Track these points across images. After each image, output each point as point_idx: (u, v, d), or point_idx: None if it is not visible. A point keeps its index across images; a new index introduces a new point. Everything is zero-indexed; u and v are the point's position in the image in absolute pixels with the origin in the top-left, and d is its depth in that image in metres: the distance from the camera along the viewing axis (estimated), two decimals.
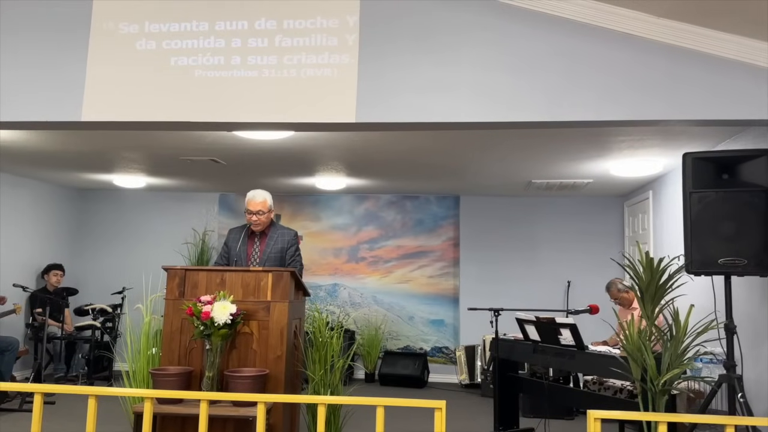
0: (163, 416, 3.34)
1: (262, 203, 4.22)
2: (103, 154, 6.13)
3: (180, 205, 8.48)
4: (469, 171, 6.53)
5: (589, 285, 7.22)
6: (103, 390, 2.45)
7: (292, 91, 3.67)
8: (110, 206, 8.58)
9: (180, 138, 5.31)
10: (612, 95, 3.48)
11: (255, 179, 7.19)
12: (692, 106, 3.43)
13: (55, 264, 7.57)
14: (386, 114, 3.61)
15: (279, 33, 3.70)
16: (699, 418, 2.73)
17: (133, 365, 4.39)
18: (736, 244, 3.45)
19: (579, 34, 3.53)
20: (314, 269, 8.26)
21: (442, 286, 8.16)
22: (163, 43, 3.79)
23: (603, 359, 4.20)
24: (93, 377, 6.97)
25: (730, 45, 3.40)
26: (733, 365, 3.46)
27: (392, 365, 7.70)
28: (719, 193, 3.53)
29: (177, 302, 3.60)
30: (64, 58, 3.86)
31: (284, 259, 4.24)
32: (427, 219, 8.27)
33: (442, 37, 3.61)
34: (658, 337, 3.49)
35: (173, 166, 6.69)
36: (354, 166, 6.44)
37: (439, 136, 5.04)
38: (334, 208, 8.38)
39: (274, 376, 3.47)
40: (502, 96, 3.55)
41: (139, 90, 3.79)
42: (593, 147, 5.24)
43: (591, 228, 7.86)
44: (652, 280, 3.45)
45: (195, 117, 3.76)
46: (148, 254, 8.09)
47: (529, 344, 4.84)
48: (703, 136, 4.72)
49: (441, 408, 2.26)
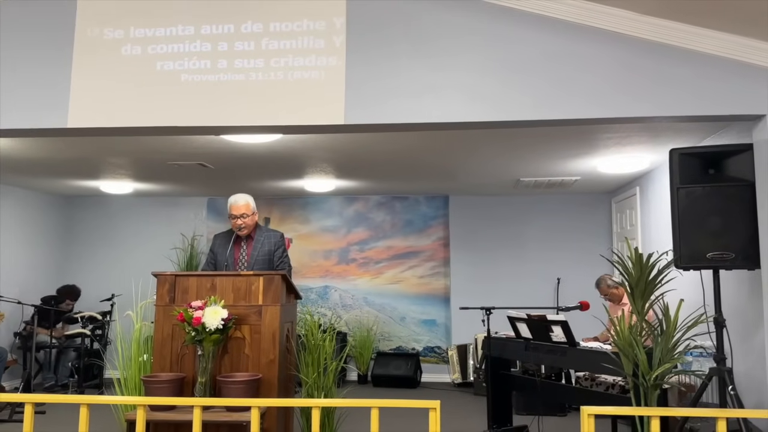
0: (156, 423, 3.32)
1: (245, 206, 4.21)
2: (89, 160, 6.09)
3: (168, 211, 8.44)
4: (458, 171, 6.55)
5: (578, 282, 7.26)
6: (95, 398, 2.43)
7: (280, 94, 3.66)
8: (97, 213, 8.51)
9: (167, 143, 5.28)
10: (598, 93, 3.50)
11: (243, 183, 7.17)
12: (678, 102, 3.46)
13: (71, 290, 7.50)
14: (375, 115, 3.61)
15: (265, 36, 3.69)
16: (691, 411, 2.76)
17: (125, 373, 4.35)
18: (723, 238, 3.49)
19: (565, 33, 3.55)
20: (305, 272, 8.24)
21: (433, 286, 8.17)
22: (148, 48, 3.76)
23: (594, 355, 4.22)
24: (84, 386, 6.91)
25: (715, 41, 3.43)
26: (723, 358, 3.49)
27: (385, 366, 7.70)
28: (706, 188, 3.57)
29: (167, 308, 3.58)
30: (49, 65, 3.82)
31: (272, 262, 4.23)
32: (417, 219, 8.28)
33: (429, 38, 3.61)
34: (648, 332, 3.51)
35: (160, 171, 6.65)
36: (343, 167, 6.44)
37: (427, 137, 5.05)
38: (323, 210, 8.37)
39: (267, 380, 3.47)
40: (490, 96, 3.56)
41: (125, 95, 3.76)
42: (580, 144, 5.27)
43: (579, 225, 7.91)
44: (641, 276, 3.47)
45: (182, 121, 3.74)
46: (136, 260, 8.04)
47: (521, 342, 4.86)
48: (689, 132, 4.76)
49: (435, 408, 2.26)
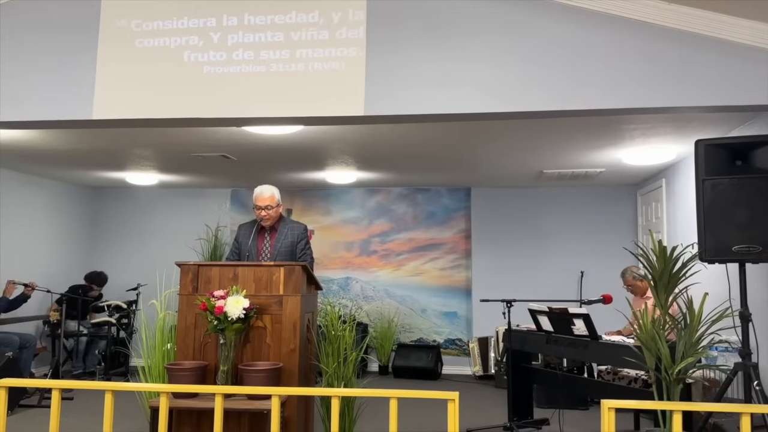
0: (179, 410, 3.38)
1: (270, 198, 4.24)
2: (115, 151, 6.18)
3: (192, 202, 8.54)
4: (480, 162, 6.51)
5: (602, 275, 7.18)
6: (120, 385, 2.47)
7: (301, 86, 3.67)
8: (123, 204, 8.65)
9: (190, 134, 5.33)
10: (622, 83, 3.45)
11: (266, 174, 7.21)
12: (704, 92, 3.40)
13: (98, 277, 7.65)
14: (395, 106, 3.61)
15: (287, 28, 3.70)
16: (714, 406, 2.72)
17: (149, 361, 4.43)
18: (750, 231, 3.41)
19: (588, 22, 3.50)
20: (326, 263, 8.28)
21: (454, 278, 8.15)
22: (172, 40, 3.80)
23: (617, 349, 4.18)
24: (110, 373, 7.06)
25: (742, 29, 3.35)
26: (749, 353, 3.43)
27: (406, 357, 7.71)
28: (732, 180, 3.50)
29: (191, 297, 3.63)
30: (74, 58, 3.89)
31: (294, 253, 4.25)
32: (439, 211, 8.26)
33: (449, 29, 3.59)
34: (672, 325, 3.47)
35: (185, 163, 6.72)
36: (364, 159, 6.44)
37: (448, 128, 5.02)
38: (344, 202, 8.39)
39: (288, 370, 3.49)
40: (511, 86, 3.53)
41: (149, 87, 3.81)
42: (605, 135, 5.20)
43: (604, 218, 7.81)
44: (665, 269, 3.43)
45: (205, 113, 3.78)
46: (161, 251, 8.15)
47: (542, 335, 4.83)
48: (716, 123, 4.67)
49: (454, 399, 2.26)
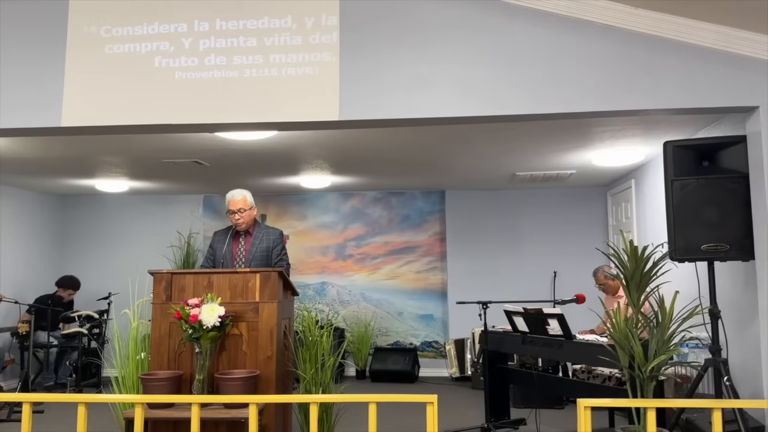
0: (155, 421, 3.33)
1: (242, 200, 4.22)
2: (84, 159, 6.07)
3: (164, 208, 8.42)
4: (454, 165, 6.55)
5: (575, 275, 7.28)
6: (93, 397, 2.43)
7: (275, 91, 3.65)
8: (93, 211, 8.49)
9: (162, 140, 5.26)
10: (592, 87, 3.51)
11: (239, 180, 7.16)
12: (671, 95, 3.47)
13: (71, 281, 7.47)
14: (369, 111, 3.61)
15: (259, 33, 3.68)
16: (686, 402, 2.78)
17: (122, 371, 4.35)
18: (718, 230, 3.50)
19: (559, 27, 3.55)
20: (302, 268, 8.24)
21: (430, 281, 8.18)
22: (142, 46, 3.75)
23: (591, 348, 4.24)
24: (82, 384, 6.91)
25: (708, 34, 3.44)
26: (719, 349, 3.51)
27: (383, 361, 7.71)
28: (700, 180, 3.58)
29: (164, 306, 3.58)
30: (42, 64, 3.81)
31: (270, 258, 4.23)
32: (413, 214, 8.29)
33: (423, 33, 3.61)
34: (644, 324, 3.53)
35: (156, 169, 6.63)
36: (338, 163, 6.43)
37: (422, 132, 5.05)
38: (319, 207, 8.37)
39: (265, 377, 3.47)
40: (484, 90, 3.56)
41: (119, 94, 3.75)
42: (575, 138, 5.28)
43: (575, 218, 7.92)
44: (636, 268, 3.49)
45: (177, 119, 3.73)
46: (133, 259, 8.02)
47: (518, 335, 4.87)
48: (683, 125, 4.78)
49: (433, 402, 2.27)
